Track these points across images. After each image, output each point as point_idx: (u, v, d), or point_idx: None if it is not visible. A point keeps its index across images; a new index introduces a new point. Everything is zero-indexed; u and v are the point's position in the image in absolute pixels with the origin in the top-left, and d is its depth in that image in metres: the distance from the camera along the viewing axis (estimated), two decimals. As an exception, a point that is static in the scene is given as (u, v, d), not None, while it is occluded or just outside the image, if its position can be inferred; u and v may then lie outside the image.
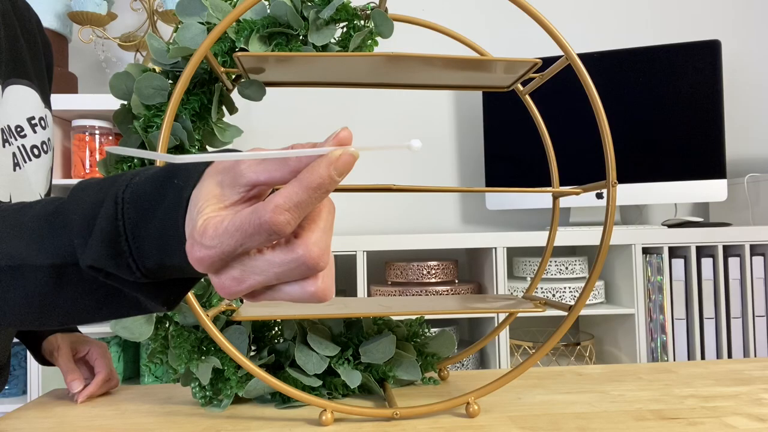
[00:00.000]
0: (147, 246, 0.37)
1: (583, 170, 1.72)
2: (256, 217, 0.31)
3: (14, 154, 0.69)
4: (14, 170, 0.69)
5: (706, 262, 1.56)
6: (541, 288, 1.58)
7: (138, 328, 0.68)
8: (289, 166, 0.32)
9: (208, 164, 0.36)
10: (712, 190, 1.66)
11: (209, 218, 0.32)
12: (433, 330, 0.83)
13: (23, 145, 0.71)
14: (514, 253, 1.70)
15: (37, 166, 0.73)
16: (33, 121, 0.73)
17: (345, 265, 1.74)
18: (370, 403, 0.72)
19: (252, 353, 0.75)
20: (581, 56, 1.70)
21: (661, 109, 1.71)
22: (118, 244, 0.37)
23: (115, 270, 0.37)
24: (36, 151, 0.73)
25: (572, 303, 0.69)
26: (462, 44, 0.81)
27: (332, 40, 0.74)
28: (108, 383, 0.79)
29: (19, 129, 0.71)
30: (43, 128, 0.74)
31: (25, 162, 0.71)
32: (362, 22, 0.75)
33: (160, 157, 0.33)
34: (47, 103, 0.77)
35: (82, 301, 0.41)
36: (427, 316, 1.12)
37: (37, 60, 0.77)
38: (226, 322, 0.73)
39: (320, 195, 0.31)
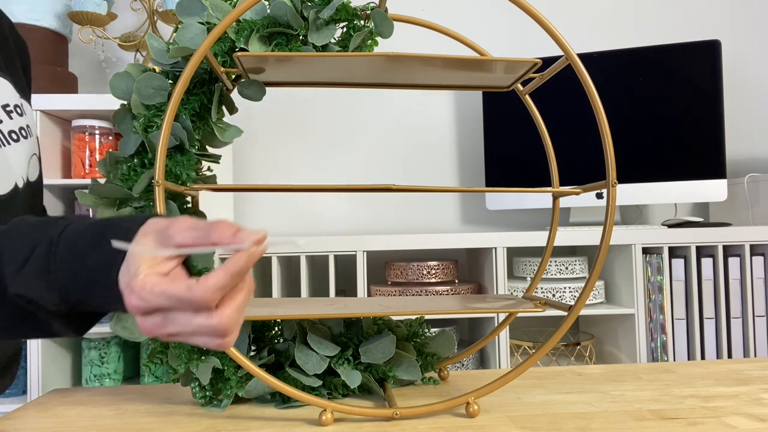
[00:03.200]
0: (74, 285, 0.45)
1: (583, 170, 1.72)
2: (190, 294, 0.40)
3: None
4: None
5: (706, 262, 1.56)
6: (541, 288, 1.58)
7: (138, 328, 0.68)
8: (210, 239, 0.41)
9: (143, 224, 0.44)
10: (712, 190, 1.66)
11: (149, 275, 0.41)
12: (433, 330, 0.83)
13: (0, 130, 0.71)
14: (514, 253, 1.70)
15: (18, 150, 0.73)
16: (8, 108, 0.73)
17: (345, 265, 1.74)
18: (370, 403, 0.72)
19: (252, 353, 0.75)
20: (581, 56, 1.70)
21: (661, 109, 1.70)
22: (48, 279, 0.45)
23: (41, 300, 0.45)
24: (14, 136, 0.73)
25: (572, 303, 0.69)
26: (462, 44, 0.81)
27: (332, 40, 0.74)
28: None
29: None
30: (20, 115, 0.74)
31: (3, 146, 0.71)
32: (362, 22, 0.74)
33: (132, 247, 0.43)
34: (23, 95, 0.77)
35: None
36: (427, 316, 1.12)
37: (10, 58, 0.77)
38: (226, 322, 0.73)
39: (240, 277, 0.41)
